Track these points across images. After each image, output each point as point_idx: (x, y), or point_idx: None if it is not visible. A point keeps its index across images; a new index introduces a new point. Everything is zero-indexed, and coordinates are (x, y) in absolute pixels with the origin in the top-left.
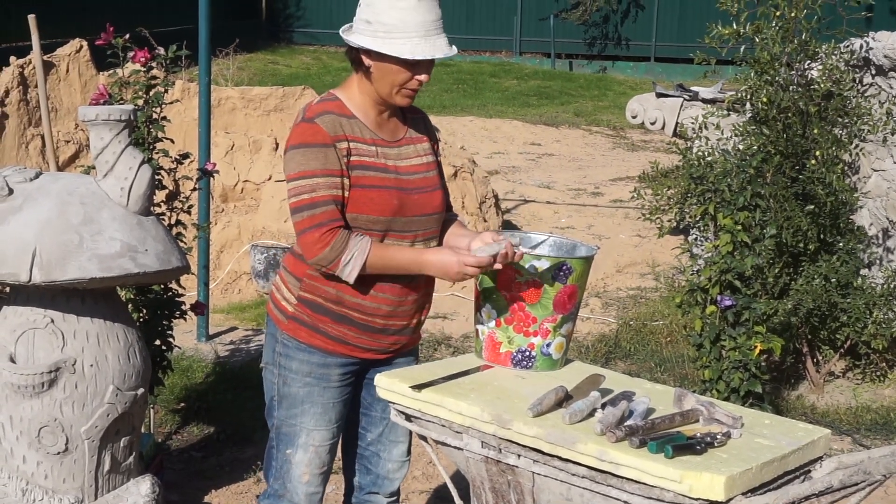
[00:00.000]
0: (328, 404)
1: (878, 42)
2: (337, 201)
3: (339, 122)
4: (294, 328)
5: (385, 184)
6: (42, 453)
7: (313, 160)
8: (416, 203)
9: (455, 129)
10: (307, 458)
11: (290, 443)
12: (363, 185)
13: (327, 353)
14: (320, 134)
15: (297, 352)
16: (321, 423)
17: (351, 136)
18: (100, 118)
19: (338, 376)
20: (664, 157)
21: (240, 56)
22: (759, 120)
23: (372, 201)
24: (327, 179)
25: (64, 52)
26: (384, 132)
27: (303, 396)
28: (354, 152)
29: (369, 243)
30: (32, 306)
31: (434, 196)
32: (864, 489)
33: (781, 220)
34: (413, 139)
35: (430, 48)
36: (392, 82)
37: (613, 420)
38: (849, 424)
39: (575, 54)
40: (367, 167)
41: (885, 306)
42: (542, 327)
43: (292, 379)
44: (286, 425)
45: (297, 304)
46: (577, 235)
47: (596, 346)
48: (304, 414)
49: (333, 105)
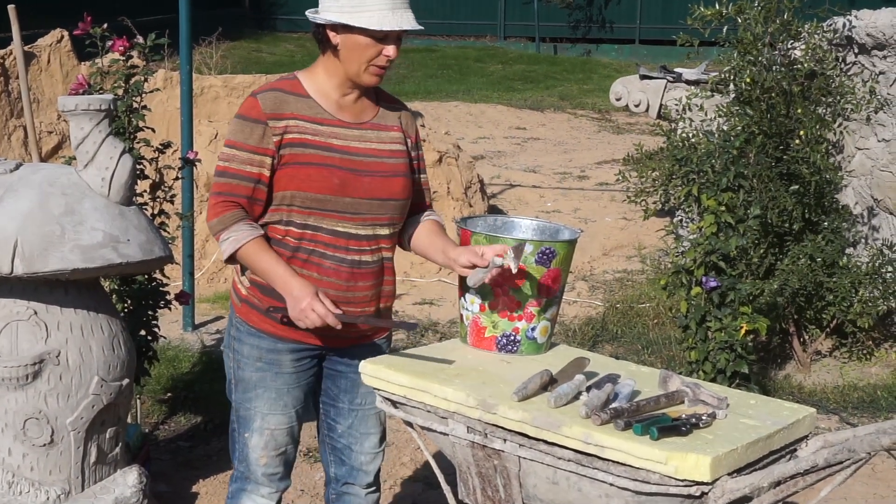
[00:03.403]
0: (282, 389)
1: (860, 20)
2: (246, 177)
3: (282, 100)
4: (246, 311)
5: (326, 162)
6: (28, 445)
7: (239, 133)
8: (363, 185)
9: (440, 114)
10: (263, 441)
11: (247, 426)
12: (300, 161)
13: (277, 339)
14: (255, 109)
15: (248, 336)
16: (275, 407)
17: (294, 113)
18: (79, 108)
19: (290, 362)
20: (649, 140)
21: (223, 44)
22: (742, 100)
23: (310, 178)
24: (242, 153)
25: (45, 43)
26: (346, 114)
27: (256, 381)
28: (294, 129)
29: (249, 237)
30: (15, 298)
31: (390, 182)
32: (850, 467)
33: (766, 200)
34: (381, 126)
35: (396, 20)
36: (360, 58)
37: (598, 403)
38: (836, 403)
39: (559, 38)
40: (307, 144)
41: (870, 285)
42: (527, 311)
43: (245, 363)
44: (242, 408)
45: (250, 286)
46: (563, 219)
47: (583, 329)
48: (258, 398)
49: (287, 83)
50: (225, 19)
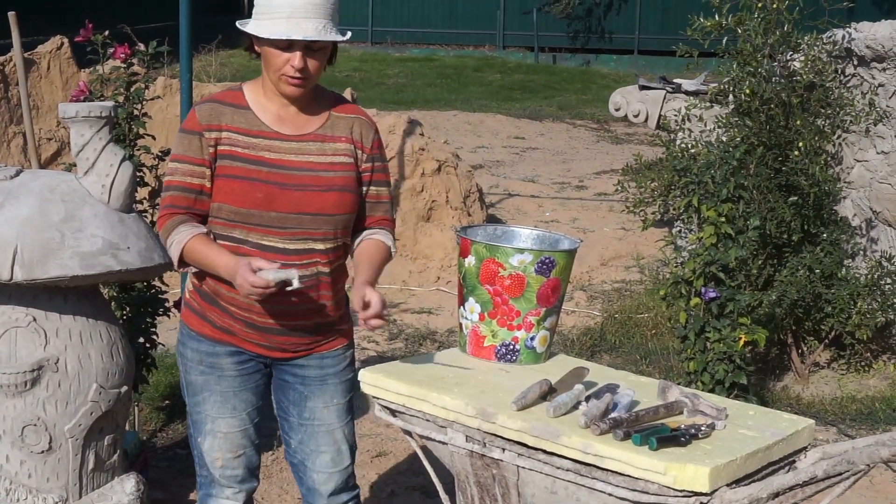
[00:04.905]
0: (227, 392)
1: (859, 33)
2: (186, 188)
3: (218, 111)
4: (187, 315)
5: (252, 175)
6: (25, 452)
7: (179, 145)
8: (290, 200)
9: (439, 123)
10: (217, 443)
11: (199, 430)
12: (227, 174)
13: (215, 342)
14: (192, 120)
15: (189, 339)
16: (223, 411)
17: (228, 125)
18: (80, 115)
19: (231, 365)
20: (648, 150)
21: (222, 52)
22: (741, 111)
23: (234, 192)
24: (184, 166)
25: (45, 50)
26: (285, 126)
27: (201, 384)
28: (226, 142)
29: (189, 235)
30: (14, 305)
31: (322, 196)
32: (849, 479)
33: (765, 211)
34: (325, 137)
35: (287, 29)
36: (271, 68)
37: (597, 413)
38: (834, 415)
39: (558, 48)
40: (236, 157)
41: (868, 296)
42: (526, 321)
43: (190, 367)
44: (194, 412)
45: (192, 291)
46: (562, 229)
47: (581, 339)
48: (205, 402)
49: (228, 95)
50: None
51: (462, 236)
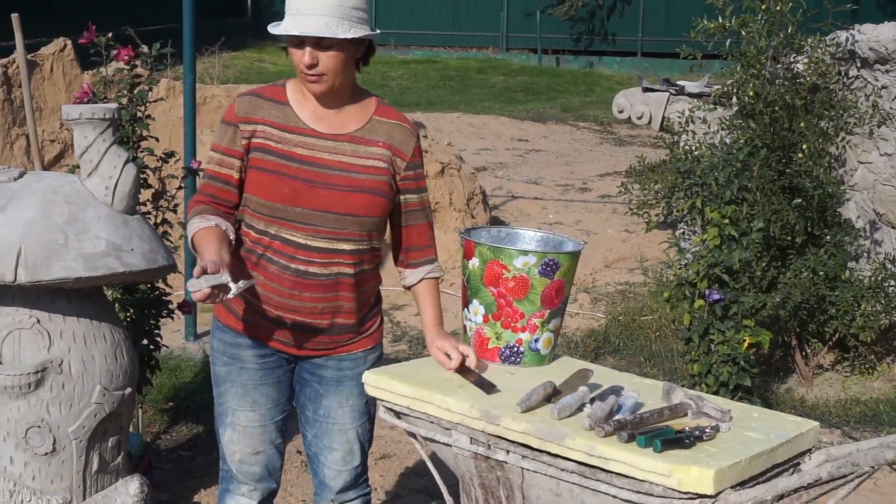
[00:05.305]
0: (248, 385)
1: (863, 35)
2: (215, 177)
3: (256, 105)
4: (217, 306)
5: (281, 170)
6: (29, 454)
7: (217, 135)
8: (317, 197)
9: (442, 125)
10: (235, 436)
11: (221, 422)
12: (259, 167)
13: (238, 334)
14: (230, 112)
15: (217, 330)
16: (243, 403)
17: (265, 119)
18: (83, 117)
19: (252, 358)
20: (651, 152)
21: (226, 54)
22: (745, 113)
23: (263, 185)
24: (217, 155)
25: (48, 52)
26: (322, 124)
27: (224, 375)
28: (260, 135)
29: (196, 228)
30: (18, 306)
31: (351, 197)
32: (853, 481)
33: (769, 213)
34: (361, 139)
35: (289, 25)
36: (294, 64)
37: (602, 415)
38: (838, 417)
39: (562, 50)
40: (268, 151)
41: (872, 298)
42: (530, 323)
43: (216, 357)
44: (217, 404)
45: None
46: (565, 231)
47: (585, 341)
48: (227, 393)
49: (269, 89)
50: (227, 29)
51: (466, 238)
